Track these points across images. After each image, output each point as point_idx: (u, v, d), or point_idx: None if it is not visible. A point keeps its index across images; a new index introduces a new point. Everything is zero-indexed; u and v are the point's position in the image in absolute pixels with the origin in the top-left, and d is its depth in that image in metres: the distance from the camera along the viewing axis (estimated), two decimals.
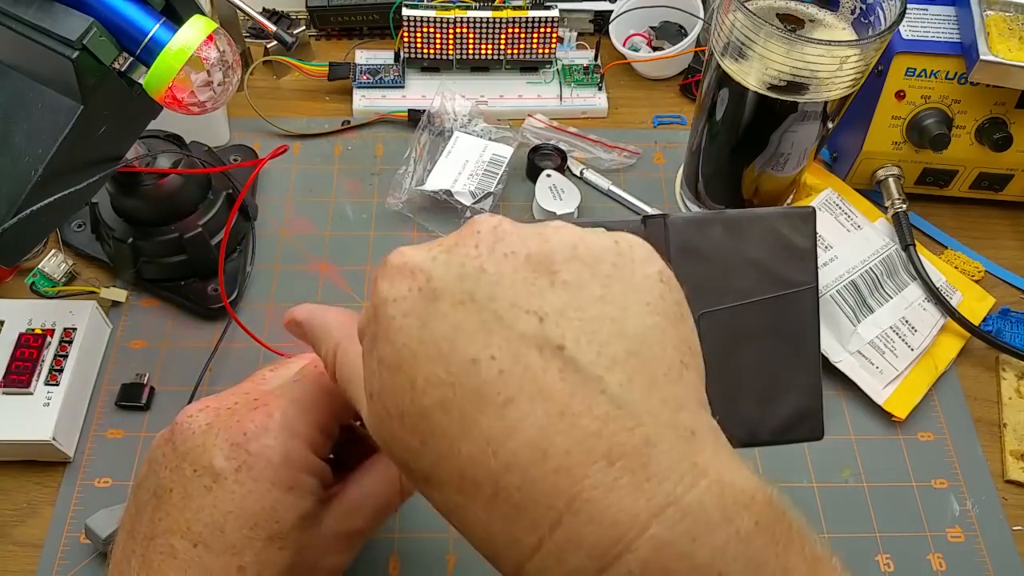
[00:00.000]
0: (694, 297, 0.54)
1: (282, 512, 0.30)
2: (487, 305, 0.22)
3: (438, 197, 0.60)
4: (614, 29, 0.69)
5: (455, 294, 0.22)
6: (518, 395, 0.21)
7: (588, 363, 0.21)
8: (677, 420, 0.21)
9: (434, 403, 0.22)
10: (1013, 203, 0.62)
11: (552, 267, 0.23)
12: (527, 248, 0.23)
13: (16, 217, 0.41)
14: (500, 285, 0.22)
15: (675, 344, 0.23)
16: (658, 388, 0.22)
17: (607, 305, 0.22)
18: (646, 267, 0.24)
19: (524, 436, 0.21)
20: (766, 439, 0.52)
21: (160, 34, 0.41)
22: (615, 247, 0.24)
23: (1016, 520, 0.49)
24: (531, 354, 0.21)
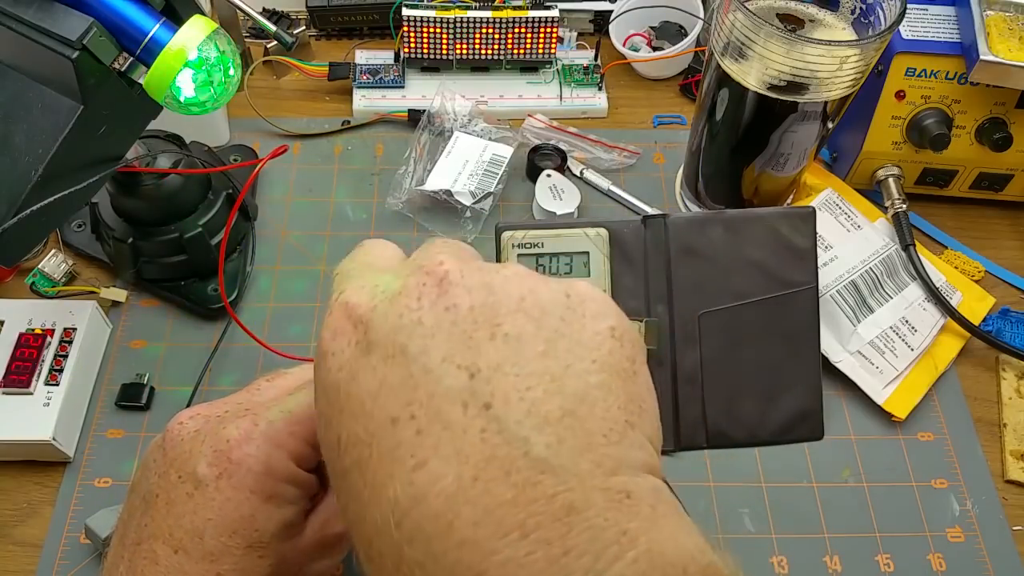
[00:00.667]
0: (694, 297, 0.55)
1: (261, 521, 0.29)
2: (417, 359, 0.21)
3: (438, 197, 0.60)
4: (614, 29, 0.69)
5: (387, 347, 0.21)
6: (431, 458, 0.20)
7: (514, 423, 0.20)
8: (610, 483, 0.20)
9: (352, 463, 0.21)
10: (1013, 203, 0.62)
11: (495, 320, 0.21)
12: (471, 300, 0.22)
13: (16, 217, 0.41)
14: (435, 338, 0.21)
15: (621, 403, 0.21)
16: (592, 449, 0.20)
17: (549, 361, 0.21)
18: (597, 323, 0.22)
19: (430, 505, 0.19)
20: (766, 439, 0.52)
21: (160, 34, 0.41)
22: (565, 300, 0.22)
23: (1016, 520, 0.49)
24: (454, 412, 0.20)
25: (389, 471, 0.20)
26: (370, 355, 0.22)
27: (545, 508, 0.19)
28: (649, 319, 0.50)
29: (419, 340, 0.21)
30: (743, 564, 0.50)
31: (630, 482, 0.20)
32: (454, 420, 0.20)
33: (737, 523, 0.48)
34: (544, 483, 0.19)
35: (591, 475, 0.20)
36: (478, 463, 0.19)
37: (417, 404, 0.20)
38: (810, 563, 0.47)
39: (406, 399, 0.20)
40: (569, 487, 0.19)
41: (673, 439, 0.51)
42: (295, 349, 0.53)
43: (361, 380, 0.21)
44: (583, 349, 0.22)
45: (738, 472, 0.50)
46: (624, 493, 0.20)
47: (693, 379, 0.51)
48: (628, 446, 0.21)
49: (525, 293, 0.22)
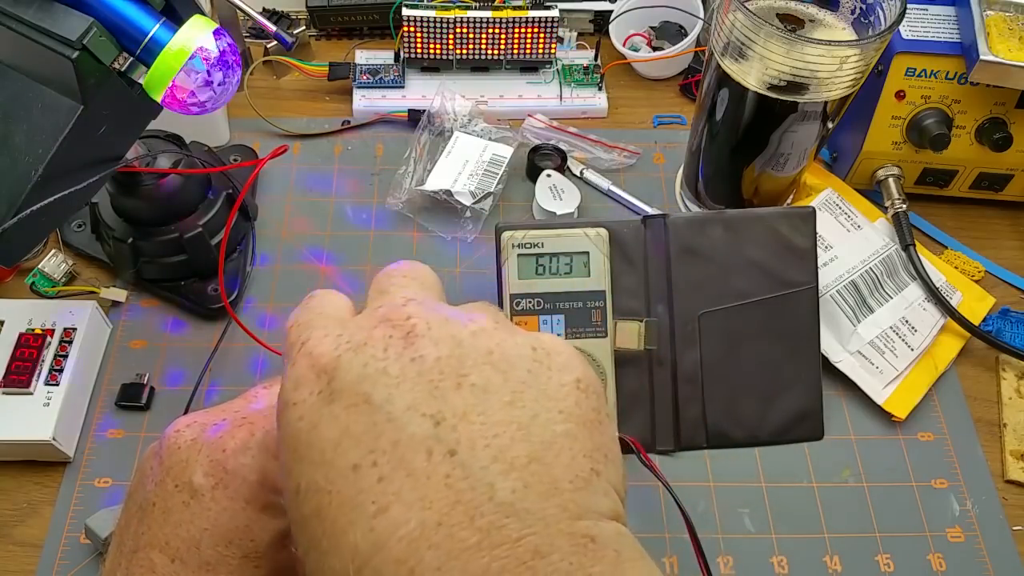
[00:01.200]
0: (694, 297, 0.55)
1: (257, 531, 0.29)
2: (382, 407, 0.21)
3: (438, 197, 0.60)
4: (614, 29, 0.69)
5: (351, 396, 0.21)
6: (393, 504, 0.19)
7: (480, 468, 0.20)
8: (575, 527, 0.20)
9: (311, 512, 0.21)
10: (1013, 203, 0.62)
11: (461, 371, 0.21)
12: (437, 352, 0.22)
13: (16, 217, 0.41)
14: (399, 387, 0.21)
15: (587, 451, 0.21)
16: (558, 494, 0.20)
17: (516, 410, 0.21)
18: (563, 375, 0.23)
19: (391, 551, 0.19)
20: (766, 439, 0.52)
21: (160, 34, 0.41)
22: (532, 354, 0.23)
23: (1016, 520, 0.49)
24: (417, 459, 0.20)
25: (349, 518, 0.20)
26: (333, 404, 0.21)
27: (510, 552, 0.19)
28: (649, 319, 0.51)
29: (384, 389, 0.21)
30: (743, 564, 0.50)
31: (594, 527, 0.20)
32: (418, 467, 0.20)
33: (737, 523, 0.48)
34: (509, 527, 0.19)
35: (556, 519, 0.20)
36: (442, 508, 0.19)
37: (380, 451, 0.20)
38: (810, 563, 0.47)
39: (368, 447, 0.20)
40: (534, 531, 0.19)
41: (673, 439, 0.51)
42: None
43: (323, 429, 0.21)
44: (549, 400, 0.22)
45: (738, 472, 0.50)
46: (589, 538, 0.20)
47: (693, 379, 0.51)
48: (593, 492, 0.21)
49: (492, 347, 0.22)
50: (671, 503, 0.44)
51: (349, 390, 0.21)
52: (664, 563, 0.47)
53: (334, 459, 0.21)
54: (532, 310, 0.49)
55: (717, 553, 0.47)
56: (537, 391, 0.22)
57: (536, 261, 0.50)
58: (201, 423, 0.32)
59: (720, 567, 0.47)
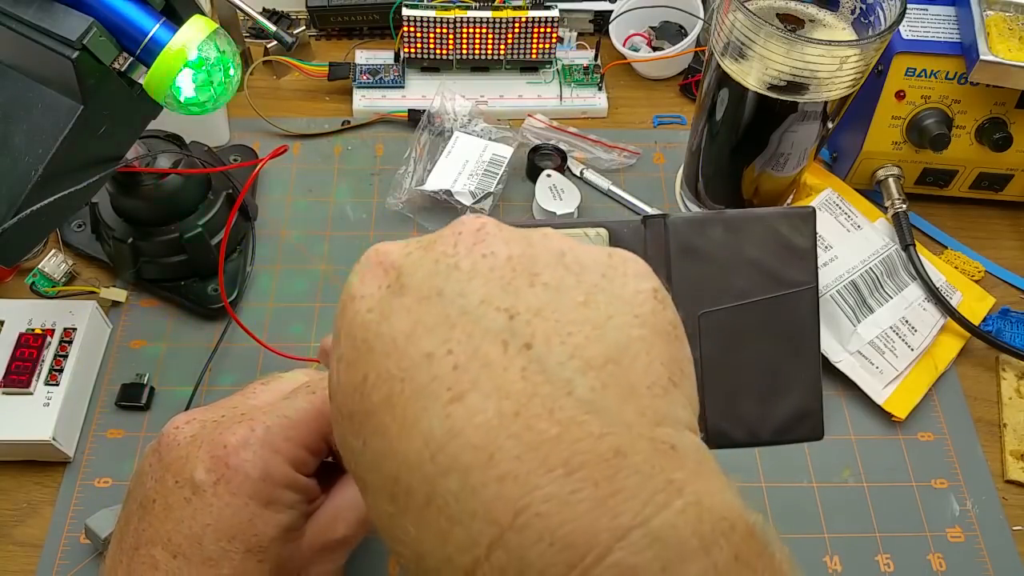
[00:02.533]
0: (694, 297, 0.55)
1: (260, 526, 0.29)
2: (454, 300, 0.20)
3: (438, 197, 0.60)
4: (614, 29, 0.69)
5: (423, 289, 0.21)
6: (469, 392, 0.19)
7: (556, 364, 0.19)
8: (656, 433, 0.19)
9: (381, 399, 0.20)
10: (1013, 203, 0.62)
11: (533, 269, 0.21)
12: (509, 250, 0.22)
13: (16, 217, 0.41)
14: (472, 282, 0.21)
15: (664, 361, 0.21)
16: (637, 398, 0.19)
17: (589, 311, 0.20)
18: (640, 282, 0.22)
19: (469, 437, 0.18)
20: (766, 439, 0.52)
21: (160, 34, 0.41)
22: (607, 260, 0.22)
23: (1016, 520, 0.49)
24: (493, 349, 0.19)
25: (423, 404, 0.19)
26: (404, 296, 0.21)
27: (591, 447, 0.18)
28: None
29: (455, 283, 0.21)
30: None
31: (675, 435, 0.20)
32: (493, 358, 0.19)
33: None
34: (590, 423, 0.18)
35: (637, 423, 0.19)
36: (520, 399, 0.19)
37: (454, 341, 0.20)
38: (810, 563, 0.47)
39: (442, 336, 0.20)
40: (614, 431, 0.19)
41: None
42: (295, 349, 0.53)
43: (394, 320, 0.21)
44: (625, 304, 0.21)
45: (738, 472, 0.50)
46: (669, 445, 0.19)
47: None
48: (671, 402, 0.20)
49: (565, 249, 0.22)
50: None
51: (420, 284, 0.21)
52: None
53: (406, 347, 0.20)
54: None
55: None
56: (611, 294, 0.21)
57: None
58: (200, 420, 0.32)
59: None
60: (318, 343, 0.54)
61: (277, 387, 0.35)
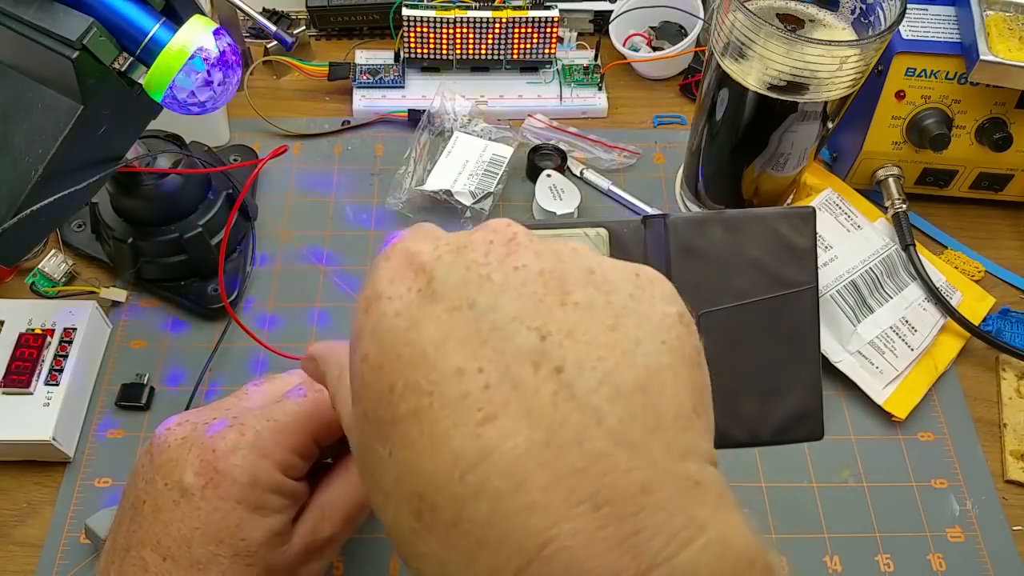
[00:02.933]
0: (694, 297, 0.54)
1: (248, 531, 0.29)
2: (487, 314, 0.20)
3: (438, 197, 0.60)
4: (614, 29, 0.69)
5: (454, 299, 0.21)
6: (500, 414, 0.19)
7: (587, 391, 0.19)
8: (680, 468, 0.19)
9: (409, 411, 0.20)
10: (1013, 203, 0.62)
11: (564, 287, 0.21)
12: (540, 264, 0.21)
13: (16, 217, 0.41)
14: (504, 296, 0.20)
15: (689, 390, 0.21)
16: (663, 431, 0.20)
17: (619, 335, 0.20)
18: (667, 305, 0.22)
19: (499, 461, 0.19)
20: (766, 439, 0.52)
21: (160, 34, 0.41)
22: (635, 279, 0.22)
23: (1016, 520, 0.49)
24: (524, 371, 0.19)
25: (453, 421, 0.19)
26: (434, 304, 0.21)
27: (618, 483, 0.18)
28: None
29: (488, 296, 0.20)
30: None
31: (699, 470, 0.20)
32: (524, 379, 0.19)
33: None
34: (617, 457, 0.19)
35: (663, 457, 0.19)
36: (550, 426, 0.19)
37: (485, 359, 0.20)
38: (810, 563, 0.47)
39: (473, 352, 0.20)
40: (641, 465, 0.19)
41: None
42: (295, 349, 0.53)
43: (424, 328, 0.20)
44: (653, 328, 0.21)
45: (738, 472, 0.50)
46: (693, 481, 0.19)
47: None
48: (695, 434, 0.21)
49: (594, 266, 0.22)
50: None
51: (451, 292, 0.21)
52: None
53: (437, 360, 0.20)
54: None
55: None
56: (640, 317, 0.21)
57: None
58: (192, 422, 0.32)
59: None
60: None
61: (270, 389, 0.34)
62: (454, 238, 0.23)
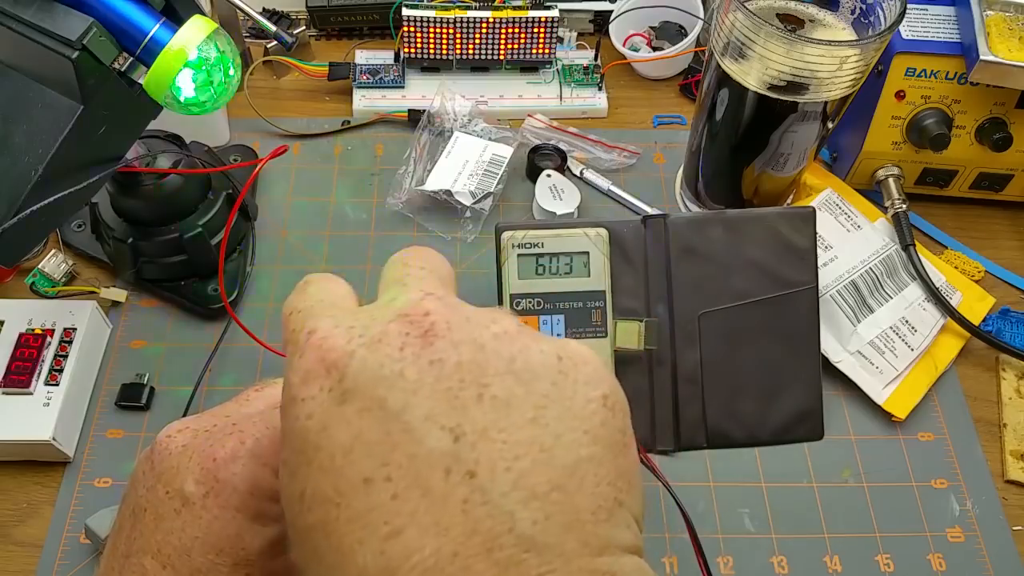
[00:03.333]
0: (694, 297, 0.55)
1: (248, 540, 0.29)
2: (398, 415, 0.19)
3: (438, 197, 0.60)
4: (614, 29, 0.69)
5: (365, 399, 0.20)
6: (407, 527, 0.18)
7: (500, 495, 0.19)
8: (596, 564, 0.19)
9: (316, 522, 0.20)
10: (1013, 203, 0.62)
11: (483, 379, 0.20)
12: (458, 356, 0.20)
13: (16, 217, 0.41)
14: (417, 394, 0.20)
15: (611, 479, 0.20)
16: (580, 527, 0.19)
17: (538, 429, 0.20)
18: (589, 390, 0.21)
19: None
20: (766, 439, 0.52)
21: (160, 34, 0.41)
22: (557, 364, 0.21)
23: (1016, 520, 0.49)
24: (434, 477, 0.19)
25: (358, 537, 0.19)
26: (345, 405, 0.20)
27: None
28: (649, 319, 0.51)
29: (400, 394, 0.20)
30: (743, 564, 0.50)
31: (615, 563, 0.19)
32: (434, 486, 0.19)
33: (737, 523, 0.48)
34: (528, 562, 0.18)
35: (577, 554, 0.19)
36: (458, 536, 0.18)
37: (395, 465, 0.19)
38: (810, 563, 0.47)
39: (382, 459, 0.19)
40: (553, 567, 0.18)
41: (673, 439, 0.51)
42: None
43: (333, 432, 0.20)
44: (574, 419, 0.20)
45: (738, 472, 0.50)
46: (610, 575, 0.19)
47: (693, 379, 0.51)
48: (615, 525, 0.20)
49: (515, 353, 0.21)
50: (671, 503, 0.45)
51: (363, 392, 0.20)
52: (664, 563, 0.47)
53: (344, 468, 0.19)
54: (532, 310, 0.49)
55: (717, 553, 0.47)
56: (561, 408, 0.20)
57: (536, 261, 0.50)
58: (193, 429, 0.32)
59: (720, 567, 0.47)
60: None
61: (271, 394, 0.34)
62: (369, 326, 0.22)
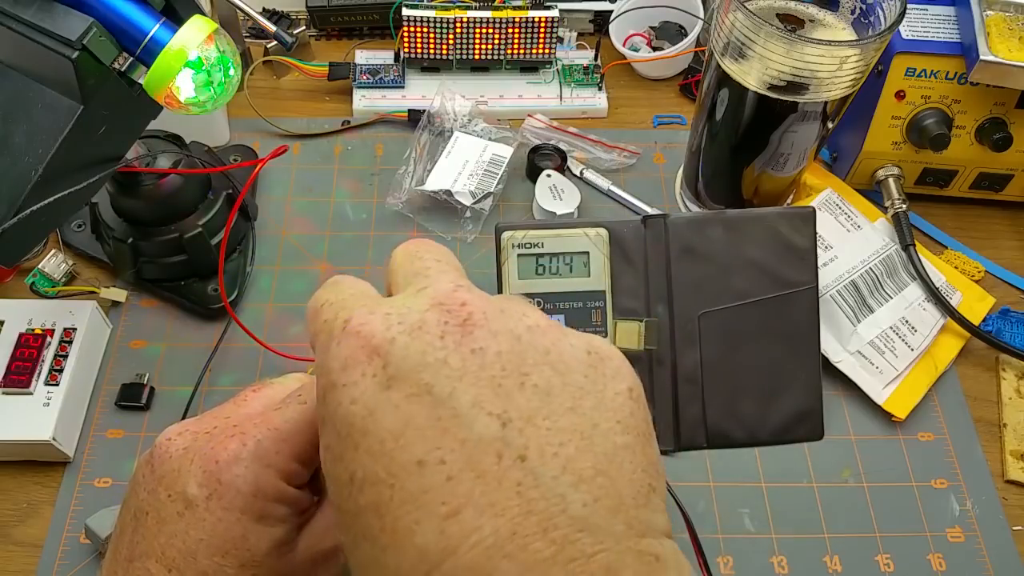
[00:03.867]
0: (694, 297, 0.55)
1: (253, 541, 0.29)
2: (445, 401, 0.20)
3: (438, 197, 0.60)
4: (614, 29, 0.69)
5: (411, 385, 0.20)
6: (464, 507, 0.19)
7: (551, 478, 0.19)
8: (642, 545, 0.20)
9: (368, 504, 0.20)
10: (1013, 203, 0.62)
11: (522, 368, 0.21)
12: (497, 345, 0.21)
13: (16, 217, 0.41)
14: (463, 381, 0.20)
15: (644, 466, 0.21)
16: (624, 510, 0.20)
17: (576, 418, 0.21)
18: (617, 383, 0.22)
19: (465, 557, 0.18)
20: (766, 439, 0.52)
21: (160, 34, 0.41)
22: (587, 358, 0.22)
23: (1016, 520, 0.49)
24: (487, 461, 0.19)
25: (415, 517, 0.19)
26: (391, 391, 0.20)
27: (584, 568, 0.19)
28: (649, 319, 0.50)
29: (446, 381, 0.20)
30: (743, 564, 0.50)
31: (658, 545, 0.20)
32: (488, 469, 0.19)
33: (737, 523, 0.48)
34: (583, 541, 0.19)
35: (625, 536, 0.20)
36: (515, 517, 0.19)
37: (447, 448, 0.19)
38: (810, 563, 0.47)
39: (434, 442, 0.20)
40: (606, 547, 0.19)
41: (673, 439, 0.51)
42: (295, 349, 0.53)
43: (380, 417, 0.20)
44: (607, 410, 0.21)
45: (738, 472, 0.50)
46: (654, 556, 0.20)
47: (693, 379, 0.51)
48: (652, 510, 0.21)
49: (549, 346, 0.22)
50: (671, 503, 0.45)
51: (408, 378, 0.20)
52: None
53: (395, 451, 0.20)
54: None
55: (717, 553, 0.47)
56: (595, 399, 0.21)
57: (536, 261, 0.50)
58: (193, 431, 0.32)
59: (720, 567, 0.47)
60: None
61: (269, 394, 0.34)
62: (405, 314, 0.22)
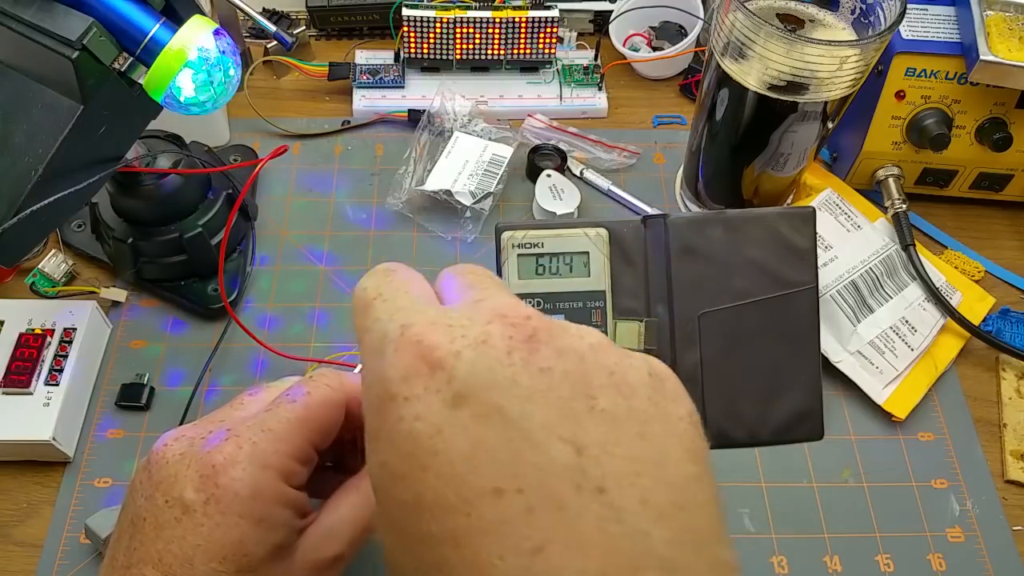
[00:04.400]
0: (694, 297, 0.54)
1: (251, 546, 0.29)
2: (517, 423, 0.19)
3: (438, 197, 0.60)
4: (614, 29, 0.69)
5: (480, 404, 0.19)
6: (548, 543, 0.18)
7: (632, 514, 0.18)
8: None
9: (443, 532, 0.19)
10: (1013, 203, 0.62)
11: (589, 391, 0.20)
12: (564, 365, 0.20)
13: (16, 217, 0.41)
14: (532, 402, 0.19)
15: (713, 498, 0.20)
16: (706, 548, 0.19)
17: (647, 445, 0.20)
18: (677, 407, 0.21)
19: None
20: (766, 439, 0.52)
21: (160, 34, 0.41)
22: (649, 380, 0.21)
23: (1016, 520, 0.49)
24: (565, 491, 0.18)
25: (498, 552, 0.18)
26: (459, 409, 0.19)
27: None
28: (649, 319, 0.50)
29: (516, 401, 0.19)
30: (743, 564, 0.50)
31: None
32: (568, 502, 0.18)
33: (737, 523, 0.48)
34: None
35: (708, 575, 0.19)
36: (601, 555, 0.18)
37: (523, 477, 0.18)
38: (810, 563, 0.47)
39: (510, 469, 0.19)
40: None
41: None
42: (295, 349, 0.53)
43: (449, 437, 0.19)
44: (672, 436, 0.20)
45: (738, 472, 0.50)
46: None
47: (693, 379, 0.51)
48: (724, 545, 0.20)
49: (612, 366, 0.21)
50: None
51: (477, 396, 0.19)
52: None
53: (468, 476, 0.19)
54: None
55: None
56: (661, 425, 0.20)
57: (536, 261, 0.49)
58: (189, 437, 0.31)
59: None
60: (318, 343, 0.54)
61: (264, 397, 0.34)
62: (468, 326, 0.21)
